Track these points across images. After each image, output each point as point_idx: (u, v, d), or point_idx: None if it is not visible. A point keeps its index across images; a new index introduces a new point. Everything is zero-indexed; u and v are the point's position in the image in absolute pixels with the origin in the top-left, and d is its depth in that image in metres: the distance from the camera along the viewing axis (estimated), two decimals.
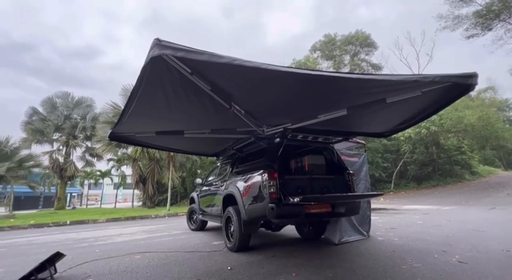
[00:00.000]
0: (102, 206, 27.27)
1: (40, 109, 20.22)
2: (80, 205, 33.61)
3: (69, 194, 30.23)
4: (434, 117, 17.86)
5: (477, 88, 2.22)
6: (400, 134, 18.20)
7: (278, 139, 3.80)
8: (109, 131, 3.89)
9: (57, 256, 3.19)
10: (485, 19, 18.85)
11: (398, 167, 20.73)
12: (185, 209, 9.79)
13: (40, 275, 2.89)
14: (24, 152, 16.37)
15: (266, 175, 3.43)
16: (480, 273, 2.77)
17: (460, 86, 2.23)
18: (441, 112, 17.49)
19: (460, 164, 21.03)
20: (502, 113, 33.12)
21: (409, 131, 18.41)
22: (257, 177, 3.65)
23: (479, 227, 5.35)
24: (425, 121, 17.15)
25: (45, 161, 19.11)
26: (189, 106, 3.13)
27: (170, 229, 7.15)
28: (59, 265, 3.25)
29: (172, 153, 14.42)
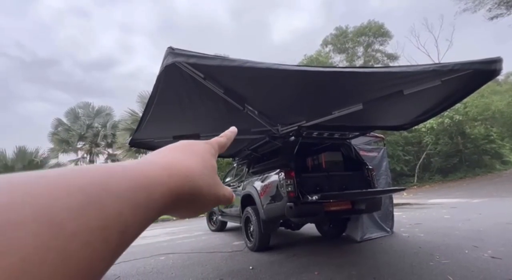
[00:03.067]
0: None
1: (64, 120, 21.39)
2: None
3: None
4: (458, 105, 16.92)
5: (505, 71, 2.10)
6: (421, 125, 17.41)
7: (293, 138, 3.78)
8: (129, 138, 4.05)
9: None
10: None
11: (421, 159, 19.86)
12: None
13: None
14: (52, 162, 17.44)
15: (282, 174, 3.42)
16: None
17: (483, 72, 2.12)
18: (465, 100, 16.51)
19: (490, 154, 19.79)
20: None
21: (431, 122, 17.55)
22: (274, 177, 3.66)
23: None
24: (448, 110, 16.32)
25: None
26: (203, 110, 3.19)
27: (191, 230, 7.32)
28: None
29: None
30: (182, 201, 0.23)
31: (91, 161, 21.60)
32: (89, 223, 0.15)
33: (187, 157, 0.26)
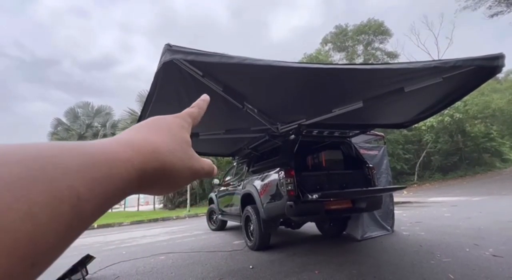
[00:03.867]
0: (126, 209, 28.40)
1: (64, 120, 21.38)
2: None
3: None
4: (458, 103, 16.88)
5: (505, 69, 2.09)
6: (421, 123, 17.39)
7: (293, 136, 3.76)
8: None
9: (88, 258, 3.36)
10: None
11: (421, 158, 19.84)
12: (204, 209, 9.97)
13: (73, 277, 3.06)
14: None
15: (282, 173, 3.40)
16: None
17: (485, 69, 2.10)
18: (465, 98, 16.51)
19: (490, 152, 19.79)
20: None
21: (431, 120, 17.51)
22: (273, 175, 3.64)
23: None
24: (448, 108, 16.29)
25: None
26: None
27: (191, 229, 7.31)
28: (90, 267, 3.41)
29: None
30: (153, 178, 0.23)
31: None
32: (30, 195, 0.14)
33: (153, 133, 0.25)
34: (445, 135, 19.92)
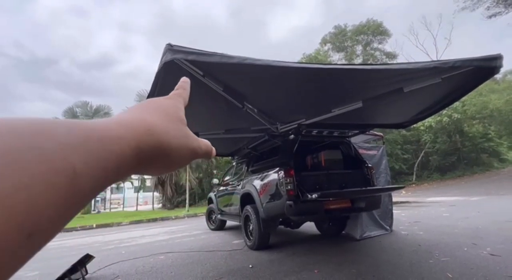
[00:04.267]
0: (125, 209, 28.32)
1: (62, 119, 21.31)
2: (104, 209, 35.13)
3: (93, 199, 31.61)
4: (456, 103, 16.95)
5: (502, 70, 2.10)
6: (419, 123, 17.46)
7: (292, 136, 3.77)
8: None
9: (87, 258, 3.35)
10: None
11: (420, 158, 19.92)
12: (203, 209, 9.97)
13: (73, 276, 3.06)
14: None
15: (282, 172, 3.41)
16: None
17: (483, 69, 2.11)
18: (463, 98, 16.57)
19: (487, 152, 19.89)
20: None
21: (430, 120, 17.59)
22: (273, 175, 3.65)
23: None
24: (447, 108, 16.35)
25: None
26: (203, 108, 3.17)
27: (191, 229, 7.31)
28: (89, 266, 3.41)
29: None
30: (149, 156, 0.22)
31: None
32: (23, 164, 0.14)
33: (148, 113, 0.25)
34: (443, 135, 20.00)
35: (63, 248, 5.87)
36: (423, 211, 7.18)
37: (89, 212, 20.89)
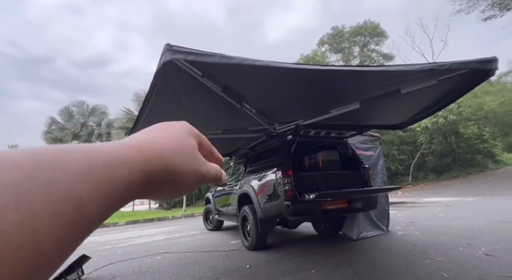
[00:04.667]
0: (121, 209, 28.12)
1: (58, 118, 21.11)
2: None
3: None
4: (452, 105, 17.12)
5: (497, 72, 2.13)
6: (416, 125, 17.59)
7: (290, 136, 3.78)
8: (124, 137, 4.00)
9: (83, 258, 3.33)
10: None
11: (416, 159, 20.08)
12: (200, 209, 9.94)
13: (69, 277, 3.03)
14: None
15: (280, 173, 3.42)
16: (509, 265, 2.65)
17: (479, 72, 2.14)
18: (459, 100, 16.73)
19: (482, 153, 20.12)
20: None
21: (426, 121, 17.74)
22: (271, 175, 3.65)
23: (506, 218, 5.10)
24: (442, 110, 16.52)
25: None
26: (201, 108, 3.17)
27: (188, 229, 7.29)
28: (86, 267, 3.39)
29: None
30: (157, 180, 0.22)
31: None
32: (28, 197, 0.14)
33: (161, 136, 0.25)
34: (439, 136, 20.19)
35: None
36: (419, 212, 7.24)
37: None
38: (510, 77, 31.51)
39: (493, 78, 26.22)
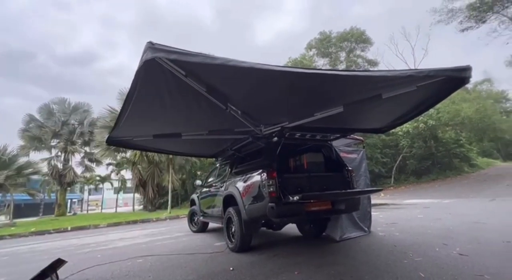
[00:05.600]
0: (103, 211, 27.19)
1: (37, 116, 20.15)
2: (81, 211, 33.50)
3: (69, 200, 30.11)
4: (431, 111, 17.92)
5: (473, 80, 2.25)
6: (398, 129, 18.25)
7: (275, 138, 3.80)
8: (107, 136, 3.88)
9: (58, 263, 3.18)
10: (479, 12, 18.97)
11: (398, 162, 20.77)
12: (186, 211, 9.78)
13: None
14: (22, 160, 16.35)
15: (265, 174, 3.43)
16: (481, 264, 2.79)
17: (454, 79, 2.24)
18: (438, 106, 17.52)
19: (459, 157, 21.09)
20: (499, 104, 33.19)
21: (407, 126, 18.45)
22: (256, 177, 3.65)
23: (480, 219, 5.37)
24: (423, 115, 17.20)
25: (44, 168, 19.07)
26: (185, 108, 3.12)
27: (172, 231, 7.15)
28: (61, 271, 3.24)
29: (171, 156, 14.38)
30: None
31: (66, 160, 20.50)
32: None
33: None
34: (419, 140, 21.00)
35: (34, 252, 5.54)
36: (400, 213, 7.49)
37: (64, 214, 19.85)
38: (484, 86, 33.38)
39: (469, 86, 27.65)
